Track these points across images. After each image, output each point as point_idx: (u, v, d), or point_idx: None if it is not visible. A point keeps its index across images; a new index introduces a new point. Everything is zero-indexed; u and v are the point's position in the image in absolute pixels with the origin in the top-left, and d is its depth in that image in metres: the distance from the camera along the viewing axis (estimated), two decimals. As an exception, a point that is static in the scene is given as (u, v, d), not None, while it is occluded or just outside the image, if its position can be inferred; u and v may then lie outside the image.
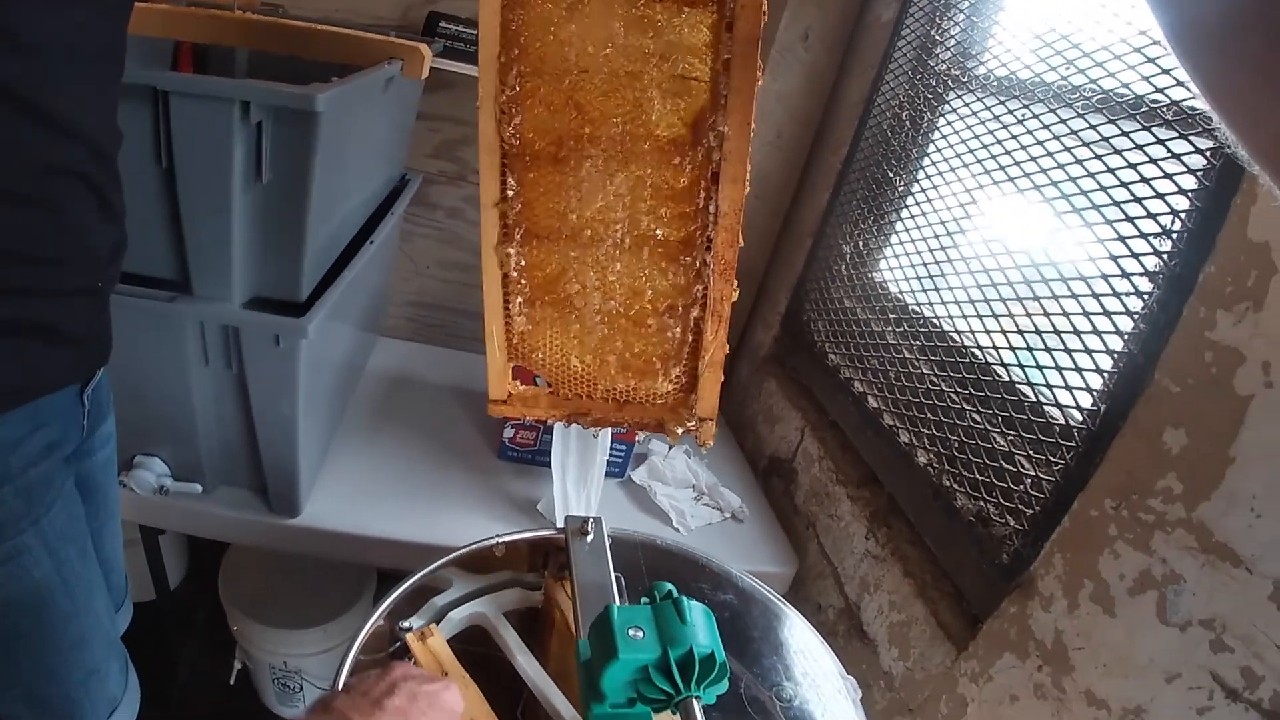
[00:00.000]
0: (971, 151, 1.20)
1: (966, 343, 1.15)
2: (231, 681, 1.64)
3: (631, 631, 0.49)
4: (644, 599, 0.53)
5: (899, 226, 1.40)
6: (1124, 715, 0.77)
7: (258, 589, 1.57)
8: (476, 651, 0.72)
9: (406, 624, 0.75)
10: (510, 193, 0.72)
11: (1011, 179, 1.10)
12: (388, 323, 1.75)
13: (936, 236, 1.26)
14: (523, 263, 0.75)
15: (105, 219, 0.72)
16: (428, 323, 1.79)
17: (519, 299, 0.75)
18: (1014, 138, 1.11)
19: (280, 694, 1.69)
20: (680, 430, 0.77)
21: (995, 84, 1.20)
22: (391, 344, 1.73)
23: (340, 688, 0.59)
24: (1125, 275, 0.88)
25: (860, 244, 1.48)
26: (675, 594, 0.53)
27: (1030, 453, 0.97)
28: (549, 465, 1.26)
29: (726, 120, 0.70)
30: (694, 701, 0.49)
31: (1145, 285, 0.86)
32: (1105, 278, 0.91)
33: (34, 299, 0.66)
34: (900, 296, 1.33)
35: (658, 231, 0.74)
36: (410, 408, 1.51)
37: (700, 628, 0.50)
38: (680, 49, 0.69)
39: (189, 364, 0.97)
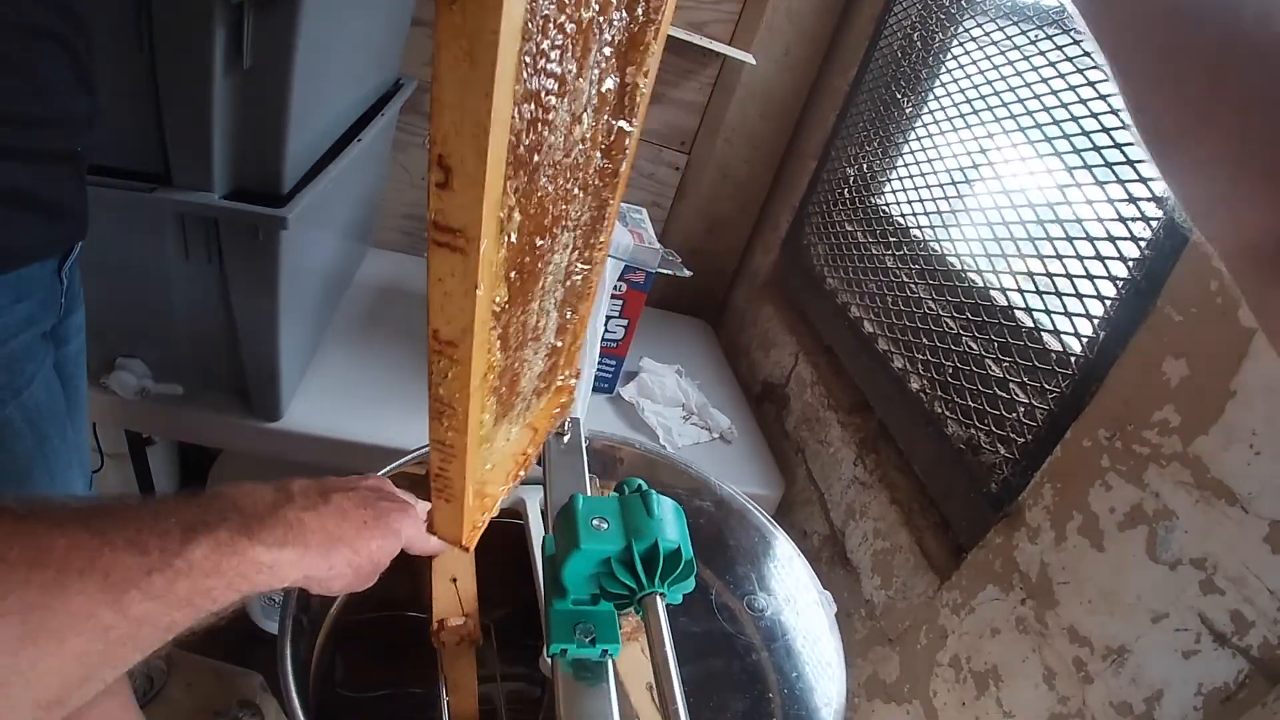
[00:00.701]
0: (983, 73, 1.16)
1: (967, 268, 1.13)
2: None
3: (595, 522, 0.47)
4: (613, 493, 0.51)
5: (905, 150, 1.37)
6: (1107, 654, 0.76)
7: (244, 500, 1.56)
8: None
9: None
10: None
11: (1023, 103, 1.06)
12: (381, 235, 1.71)
13: (943, 159, 1.23)
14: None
15: (81, 85, 0.70)
16: (423, 235, 1.75)
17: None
18: (1026, 59, 1.07)
19: (266, 608, 1.70)
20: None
21: (1010, 7, 1.15)
22: (385, 255, 1.70)
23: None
24: (1132, 200, 0.85)
25: (865, 167, 1.44)
26: (645, 488, 0.51)
27: (1025, 380, 0.95)
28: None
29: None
30: (657, 598, 0.48)
31: (1153, 210, 0.83)
32: (1112, 202, 0.88)
33: (14, 162, 0.65)
34: (902, 221, 1.31)
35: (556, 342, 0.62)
36: (400, 317, 1.49)
37: (668, 523, 0.48)
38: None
39: (169, 260, 0.95)
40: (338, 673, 0.73)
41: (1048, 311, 0.94)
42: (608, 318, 1.28)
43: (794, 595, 0.73)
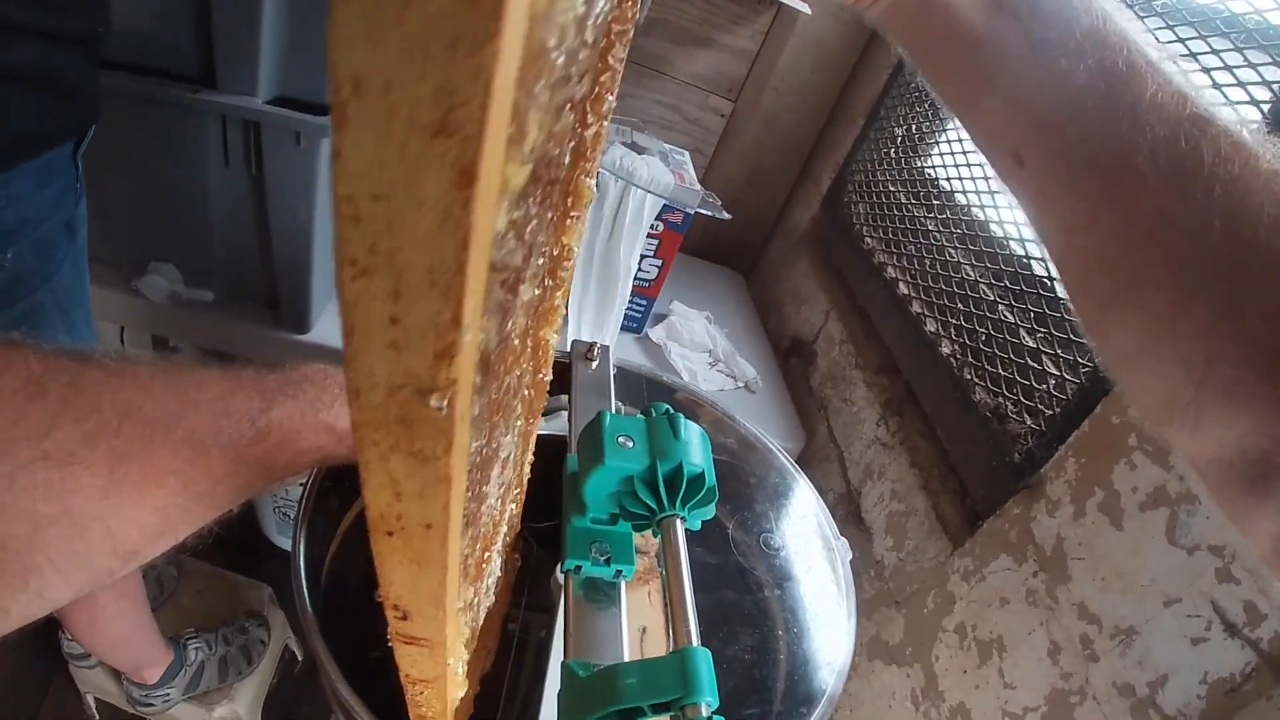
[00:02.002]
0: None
1: (1009, 236, 1.11)
2: (234, 510, 1.66)
3: (621, 439, 0.47)
4: (639, 414, 0.51)
5: (949, 136, 1.34)
6: (1115, 634, 0.76)
7: (265, 416, 1.57)
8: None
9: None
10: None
11: None
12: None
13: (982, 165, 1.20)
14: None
15: None
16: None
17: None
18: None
19: (280, 524, 1.72)
20: None
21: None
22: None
23: None
24: None
25: (914, 129, 1.41)
26: (672, 411, 0.50)
27: (1058, 353, 0.94)
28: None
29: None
30: (676, 521, 0.47)
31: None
32: None
33: (40, 43, 0.65)
34: (947, 186, 1.28)
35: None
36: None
37: (694, 446, 0.48)
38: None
39: (209, 164, 0.95)
40: (350, 579, 0.74)
41: None
42: (642, 256, 1.27)
43: (810, 538, 0.73)
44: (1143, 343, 0.35)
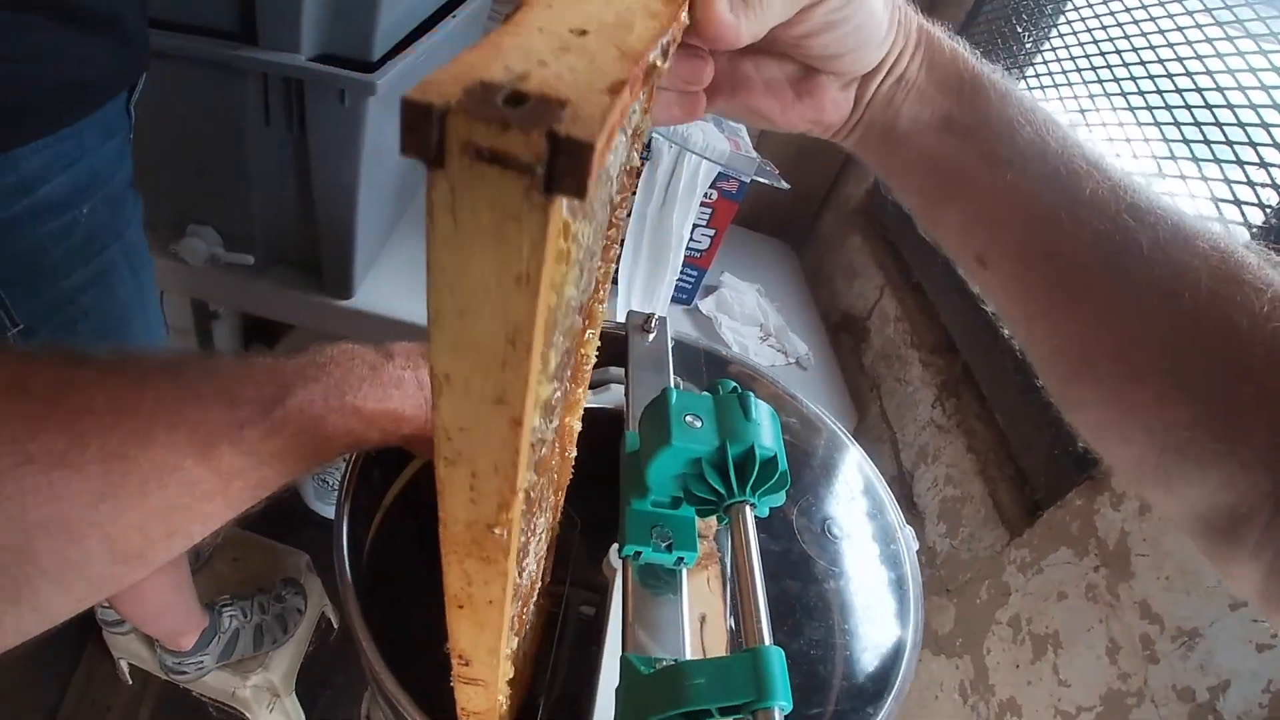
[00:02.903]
0: (1114, 14, 1.07)
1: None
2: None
3: (689, 419, 0.43)
4: (705, 392, 0.47)
5: (1022, 88, 1.27)
6: (1177, 635, 0.73)
7: (304, 380, 1.56)
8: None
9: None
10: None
11: (1154, 50, 0.97)
12: (463, 124, 1.67)
13: (1062, 100, 1.14)
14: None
15: None
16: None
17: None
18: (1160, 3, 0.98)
19: (319, 490, 1.72)
20: None
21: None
22: (468, 145, 1.65)
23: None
24: (1251, 184, 0.79)
25: (976, 101, 1.35)
26: (740, 390, 0.46)
27: None
28: (614, 277, 1.21)
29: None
30: (746, 508, 0.44)
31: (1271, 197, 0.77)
32: (1229, 183, 0.81)
33: None
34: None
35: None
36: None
37: (765, 428, 0.44)
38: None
39: (249, 123, 0.93)
40: (393, 553, 0.72)
41: None
42: (694, 226, 1.23)
43: (875, 527, 0.69)
44: (1105, 416, 0.39)
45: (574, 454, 0.54)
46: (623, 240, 0.44)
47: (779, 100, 0.44)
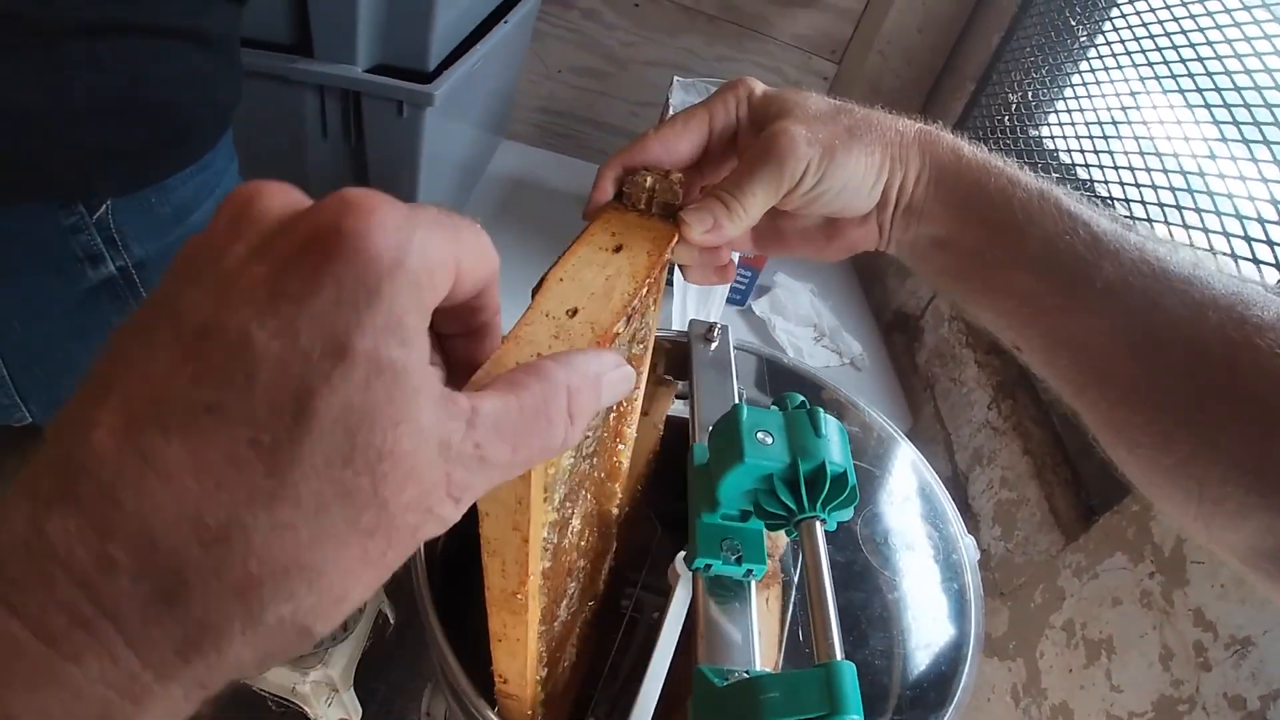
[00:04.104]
0: (1168, 4, 1.04)
1: (1133, 214, 1.03)
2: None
3: (760, 435, 0.44)
4: (774, 407, 0.48)
5: (1075, 82, 1.25)
6: (1230, 644, 0.72)
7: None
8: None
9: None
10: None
11: (1206, 36, 0.95)
12: (513, 127, 1.68)
13: (1118, 95, 1.12)
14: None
15: None
16: (555, 130, 1.72)
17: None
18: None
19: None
20: None
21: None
22: (516, 148, 1.66)
23: None
24: None
25: (1028, 95, 1.33)
26: (808, 405, 0.47)
27: None
28: (670, 281, 1.21)
29: None
30: (816, 523, 0.44)
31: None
32: None
33: (223, 3, 0.63)
34: (1067, 159, 1.20)
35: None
36: (532, 212, 1.46)
37: (835, 444, 0.45)
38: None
39: (307, 136, 0.94)
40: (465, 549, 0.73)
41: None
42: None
43: (936, 537, 0.69)
44: (1143, 476, 0.42)
45: (614, 532, 0.63)
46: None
47: (814, 244, 0.52)
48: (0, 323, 0.61)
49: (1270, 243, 0.80)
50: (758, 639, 0.46)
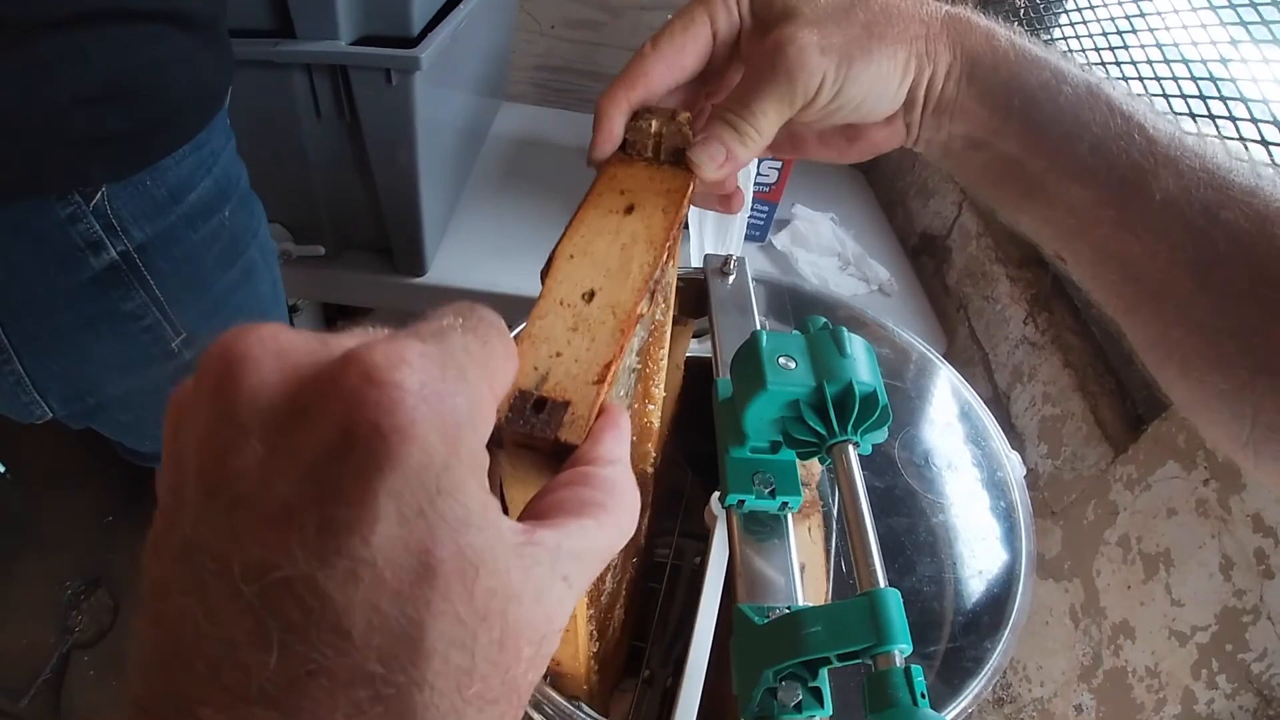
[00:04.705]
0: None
1: (1157, 111, 0.99)
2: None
3: (782, 360, 0.42)
4: (795, 331, 0.45)
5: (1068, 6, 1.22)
6: None
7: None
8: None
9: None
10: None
11: None
12: (512, 89, 1.66)
13: (1105, 36, 1.10)
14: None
15: None
16: (555, 87, 1.69)
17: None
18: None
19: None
20: None
21: None
22: (517, 108, 1.64)
23: None
24: None
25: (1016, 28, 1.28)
26: (832, 326, 0.45)
27: None
28: (685, 224, 1.19)
29: None
30: (849, 446, 0.42)
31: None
32: None
33: None
34: (1081, 59, 1.16)
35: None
36: (538, 169, 1.44)
37: (862, 363, 0.42)
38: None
39: (300, 117, 0.93)
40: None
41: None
42: (759, 160, 1.20)
43: (979, 455, 0.67)
44: (1193, 398, 0.39)
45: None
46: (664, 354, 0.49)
47: (835, 148, 0.48)
48: (10, 319, 0.62)
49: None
50: (798, 573, 0.44)
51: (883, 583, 0.38)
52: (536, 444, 0.29)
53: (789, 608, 0.41)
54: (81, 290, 0.62)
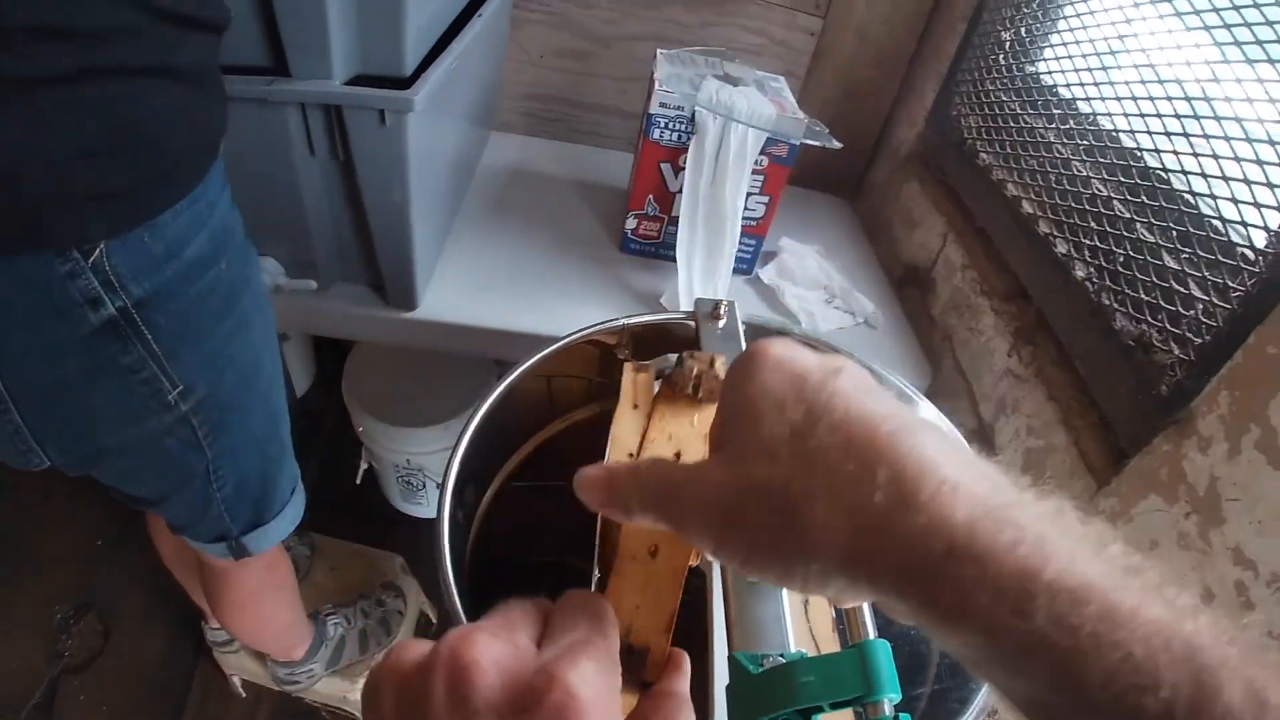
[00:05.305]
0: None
1: (1141, 146, 1.01)
2: (358, 481, 1.71)
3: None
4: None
5: (1068, 13, 1.22)
6: (1272, 580, 0.71)
7: (381, 389, 1.60)
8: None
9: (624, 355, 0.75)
10: None
11: None
12: (502, 118, 1.67)
13: (1114, 25, 1.09)
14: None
15: None
16: (545, 116, 1.70)
17: None
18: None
19: (404, 491, 1.76)
20: None
21: None
22: (507, 139, 1.65)
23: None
24: None
25: (1022, 31, 1.30)
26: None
27: (1205, 275, 0.85)
28: (673, 258, 1.20)
29: None
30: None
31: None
32: None
33: (199, 35, 0.64)
34: (1067, 93, 1.18)
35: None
36: (528, 201, 1.45)
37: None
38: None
39: (294, 154, 0.93)
40: (494, 543, 0.73)
41: (1235, 201, 0.83)
42: (748, 194, 1.21)
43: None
44: None
45: None
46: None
47: None
48: (9, 370, 0.63)
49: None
50: (790, 622, 0.45)
51: (873, 634, 0.39)
52: (628, 681, 0.37)
53: (783, 655, 0.42)
54: (80, 344, 0.63)
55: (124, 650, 1.55)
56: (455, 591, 0.56)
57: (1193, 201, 0.91)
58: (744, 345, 0.62)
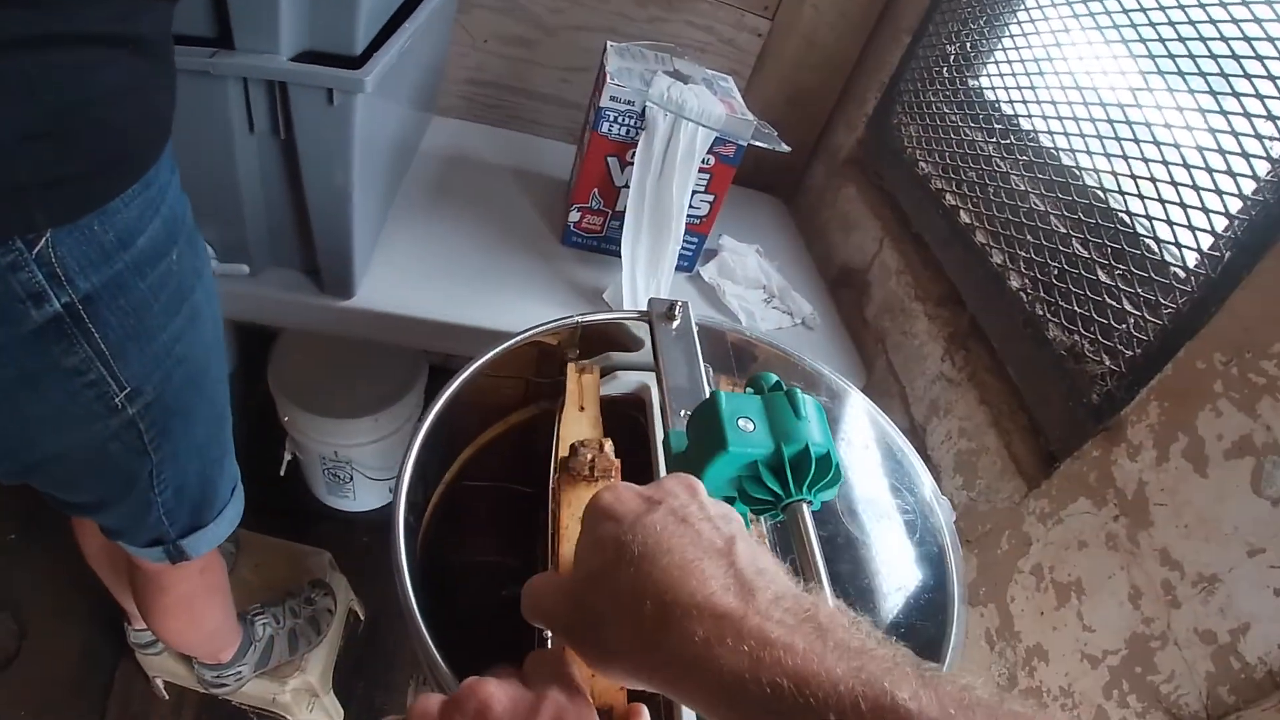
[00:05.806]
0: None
1: (1081, 165, 1.05)
2: (281, 473, 1.65)
3: (741, 422, 0.43)
4: (748, 389, 0.46)
5: (1013, 31, 1.26)
6: (1197, 581, 0.74)
7: (308, 379, 1.54)
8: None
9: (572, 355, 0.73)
10: None
11: None
12: (443, 101, 1.63)
13: (1053, 45, 1.14)
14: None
15: None
16: (486, 102, 1.67)
17: None
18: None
19: (330, 484, 1.71)
20: None
21: None
22: (447, 123, 1.61)
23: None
24: (1271, 117, 0.78)
25: (967, 46, 1.33)
26: (784, 386, 0.46)
27: (1138, 291, 0.89)
28: (616, 254, 1.20)
29: None
30: (803, 505, 0.44)
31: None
32: (1249, 116, 0.80)
33: (155, 7, 0.57)
34: (1009, 110, 1.21)
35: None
36: (467, 189, 1.42)
37: (815, 425, 0.44)
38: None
39: (233, 131, 0.88)
40: (445, 541, 0.71)
41: (1169, 222, 0.87)
42: (693, 192, 1.21)
43: (911, 500, 0.69)
44: None
45: None
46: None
47: None
48: None
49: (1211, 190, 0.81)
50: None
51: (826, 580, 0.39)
52: None
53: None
54: (21, 344, 0.57)
55: (41, 651, 1.47)
56: (411, 592, 0.54)
57: (1129, 221, 0.94)
58: (698, 346, 0.62)
